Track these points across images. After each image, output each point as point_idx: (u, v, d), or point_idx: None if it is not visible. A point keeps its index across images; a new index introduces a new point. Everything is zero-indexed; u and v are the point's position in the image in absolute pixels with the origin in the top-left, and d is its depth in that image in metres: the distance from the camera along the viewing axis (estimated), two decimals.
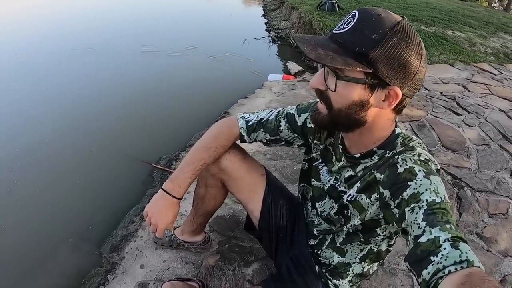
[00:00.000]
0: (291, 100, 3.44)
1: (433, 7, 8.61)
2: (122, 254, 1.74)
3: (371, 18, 0.76)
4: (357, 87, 0.79)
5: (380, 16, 0.76)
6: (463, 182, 2.42)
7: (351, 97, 0.80)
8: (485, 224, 2.11)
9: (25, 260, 1.86)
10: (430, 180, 0.77)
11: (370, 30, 0.75)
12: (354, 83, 0.79)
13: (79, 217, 2.13)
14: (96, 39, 5.53)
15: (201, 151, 1.18)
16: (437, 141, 2.90)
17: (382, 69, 0.75)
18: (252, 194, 1.30)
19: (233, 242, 1.78)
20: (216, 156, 1.20)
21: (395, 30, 0.75)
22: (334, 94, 0.82)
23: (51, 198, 2.27)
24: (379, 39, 0.74)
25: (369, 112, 0.83)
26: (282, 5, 8.84)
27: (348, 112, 0.83)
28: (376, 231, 1.01)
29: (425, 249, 0.66)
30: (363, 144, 0.93)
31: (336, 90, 0.81)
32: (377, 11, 0.77)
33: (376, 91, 0.80)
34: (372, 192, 0.92)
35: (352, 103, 0.81)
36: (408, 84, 0.79)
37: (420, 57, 0.78)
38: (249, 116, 1.23)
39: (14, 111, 3.30)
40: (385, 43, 0.74)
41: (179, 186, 1.14)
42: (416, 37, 0.77)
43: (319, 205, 1.18)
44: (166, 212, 1.13)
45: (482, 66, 5.14)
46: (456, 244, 0.64)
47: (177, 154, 2.59)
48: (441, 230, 0.66)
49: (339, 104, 0.83)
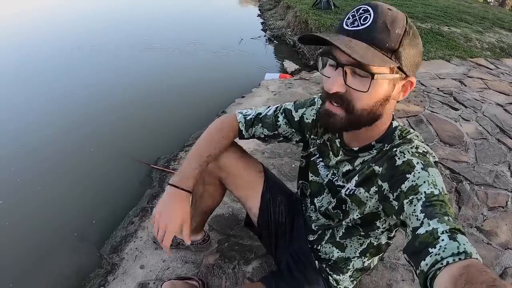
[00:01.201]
0: (288, 98, 3.44)
1: (429, 4, 8.63)
2: (122, 255, 1.73)
3: (387, 13, 0.75)
4: (385, 83, 0.79)
5: (390, 10, 0.77)
6: (462, 176, 2.43)
7: (379, 95, 0.79)
8: (485, 217, 2.11)
9: (24, 262, 1.85)
10: (428, 172, 0.77)
11: (393, 25, 0.75)
12: (382, 79, 0.78)
13: (78, 218, 2.13)
14: (93, 40, 5.55)
15: (206, 143, 1.17)
16: (434, 136, 2.90)
17: (406, 61, 0.78)
18: (250, 191, 1.30)
19: (233, 240, 1.78)
20: (221, 148, 1.19)
21: (409, 24, 0.77)
22: (360, 95, 0.78)
23: (50, 199, 2.27)
24: (402, 33, 0.75)
25: (388, 105, 0.84)
26: (277, 4, 8.85)
27: (372, 111, 0.82)
28: (375, 224, 1.01)
29: (423, 240, 0.66)
30: (365, 137, 0.93)
31: (368, 90, 0.77)
32: (385, 6, 0.77)
33: (397, 83, 0.81)
34: (370, 186, 0.92)
35: (378, 101, 0.80)
36: (415, 73, 0.82)
37: (421, 47, 0.82)
38: (247, 112, 1.23)
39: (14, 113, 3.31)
40: (407, 37, 0.76)
41: (186, 178, 1.09)
42: (415, 27, 0.80)
43: (317, 200, 1.18)
44: (174, 210, 1.04)
45: (478, 61, 5.16)
46: (454, 235, 0.64)
47: (175, 154, 2.59)
48: (439, 222, 0.67)
49: (364, 104, 0.80)
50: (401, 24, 0.75)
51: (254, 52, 5.70)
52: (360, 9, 0.77)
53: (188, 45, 5.54)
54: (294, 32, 6.63)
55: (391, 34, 0.74)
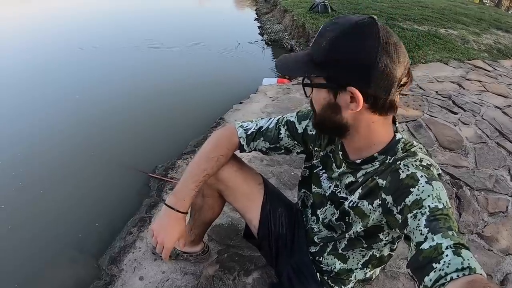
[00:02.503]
0: (286, 104, 3.44)
1: (425, 6, 8.66)
2: (121, 266, 1.71)
3: (326, 27, 0.81)
4: (322, 92, 0.86)
5: (335, 23, 0.80)
6: (462, 182, 2.42)
7: (320, 101, 0.88)
8: (485, 223, 2.10)
9: (21, 273, 1.83)
10: (432, 186, 0.77)
11: (322, 39, 0.80)
12: (318, 88, 0.87)
13: (76, 229, 2.10)
14: (90, 43, 5.57)
15: (203, 162, 1.15)
16: (434, 141, 2.90)
17: (332, 72, 0.81)
18: (250, 203, 1.29)
19: (232, 251, 1.76)
20: (219, 166, 1.18)
21: (341, 32, 0.77)
22: (312, 100, 0.92)
23: (46, 210, 2.24)
24: (326, 44, 0.79)
25: (344, 114, 0.86)
26: (274, 8, 8.88)
27: (324, 115, 0.89)
28: (378, 237, 1.00)
29: (427, 255, 0.66)
30: (361, 149, 0.93)
31: (309, 96, 0.92)
32: (338, 20, 0.80)
33: (338, 94, 0.83)
34: (374, 198, 0.91)
35: (323, 106, 0.88)
36: (371, 84, 0.78)
37: (376, 53, 0.75)
38: (248, 125, 1.21)
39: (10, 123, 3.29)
40: (331, 48, 0.78)
41: (183, 199, 1.11)
42: (367, 35, 0.76)
43: (320, 212, 1.17)
44: (171, 229, 1.10)
45: (476, 63, 5.17)
46: (458, 251, 0.63)
47: (173, 163, 2.56)
48: (443, 237, 0.66)
49: (316, 108, 0.92)
50: (330, 35, 0.78)
51: (252, 57, 5.71)
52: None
53: (186, 49, 5.54)
54: (291, 36, 6.64)
55: (317, 47, 0.81)
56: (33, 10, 8.22)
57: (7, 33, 6.32)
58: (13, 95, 3.80)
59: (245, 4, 11.00)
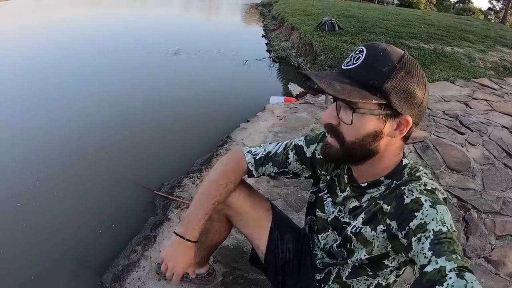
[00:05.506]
0: (294, 123, 3.44)
1: (431, 23, 8.72)
2: (124, 285, 1.71)
3: (379, 53, 0.81)
4: (372, 119, 0.82)
5: (386, 50, 0.81)
6: (469, 204, 2.40)
7: (366, 129, 0.83)
8: (493, 247, 2.08)
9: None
10: (437, 209, 0.78)
11: (380, 64, 0.80)
12: (369, 115, 0.82)
13: (79, 246, 2.10)
14: (95, 59, 5.67)
15: (211, 189, 1.16)
16: (441, 163, 2.88)
17: (394, 99, 0.80)
18: (257, 229, 1.29)
19: (238, 274, 1.75)
20: (228, 193, 1.19)
21: (402, 62, 0.80)
22: (348, 127, 0.85)
23: (51, 225, 2.25)
24: (389, 71, 0.79)
25: (381, 141, 0.86)
26: (282, 25, 8.97)
27: (362, 144, 0.85)
28: (384, 263, 0.99)
29: (430, 278, 0.66)
30: (372, 173, 0.94)
31: (352, 123, 0.83)
32: (382, 46, 0.83)
33: (389, 120, 0.83)
34: (377, 224, 0.91)
35: (366, 135, 0.84)
36: (415, 112, 0.84)
37: (423, 86, 0.83)
38: (256, 150, 1.22)
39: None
40: (395, 75, 0.79)
41: (192, 228, 1.13)
42: (419, 68, 0.83)
43: (321, 237, 1.17)
44: (182, 257, 1.12)
45: (482, 81, 5.18)
46: (462, 274, 0.64)
47: (179, 181, 2.56)
48: (447, 260, 0.67)
49: (352, 137, 0.85)
50: (391, 63, 0.80)
51: (259, 74, 5.75)
52: (357, 50, 0.84)
53: (194, 66, 5.61)
54: (298, 53, 6.69)
55: (376, 72, 0.80)
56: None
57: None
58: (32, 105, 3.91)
59: (253, 20, 11.12)
